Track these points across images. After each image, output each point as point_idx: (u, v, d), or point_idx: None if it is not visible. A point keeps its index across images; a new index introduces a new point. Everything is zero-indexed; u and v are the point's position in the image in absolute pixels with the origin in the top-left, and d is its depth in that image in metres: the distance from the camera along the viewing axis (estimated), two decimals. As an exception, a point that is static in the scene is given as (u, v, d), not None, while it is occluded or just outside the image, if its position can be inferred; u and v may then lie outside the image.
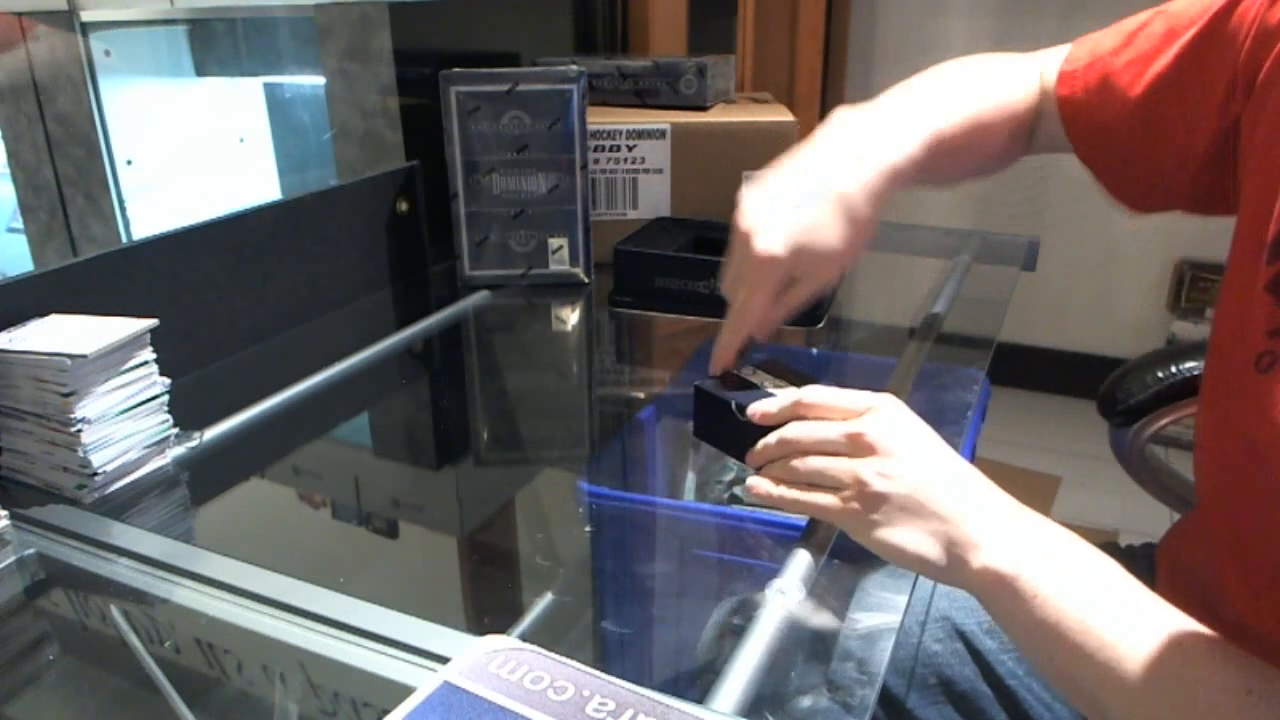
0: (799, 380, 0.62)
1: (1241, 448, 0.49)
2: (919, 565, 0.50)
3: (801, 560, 0.56)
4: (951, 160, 0.69)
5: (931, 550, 0.50)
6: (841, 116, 0.69)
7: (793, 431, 0.56)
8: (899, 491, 0.50)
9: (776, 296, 0.64)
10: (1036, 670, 0.68)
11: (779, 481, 0.56)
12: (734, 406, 0.60)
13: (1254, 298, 0.48)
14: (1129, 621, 0.45)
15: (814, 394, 0.57)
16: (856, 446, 0.52)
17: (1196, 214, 0.64)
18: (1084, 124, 0.68)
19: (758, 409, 0.59)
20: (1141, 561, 0.76)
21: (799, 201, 0.63)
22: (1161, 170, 0.63)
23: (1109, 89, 0.65)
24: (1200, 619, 0.45)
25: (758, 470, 0.58)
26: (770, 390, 0.62)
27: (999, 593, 0.48)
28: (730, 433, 0.61)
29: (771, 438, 0.57)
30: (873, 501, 0.51)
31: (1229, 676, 0.42)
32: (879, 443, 0.52)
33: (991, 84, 0.71)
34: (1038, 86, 0.71)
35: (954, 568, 0.49)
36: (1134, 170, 0.66)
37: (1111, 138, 0.66)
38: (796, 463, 0.55)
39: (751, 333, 0.66)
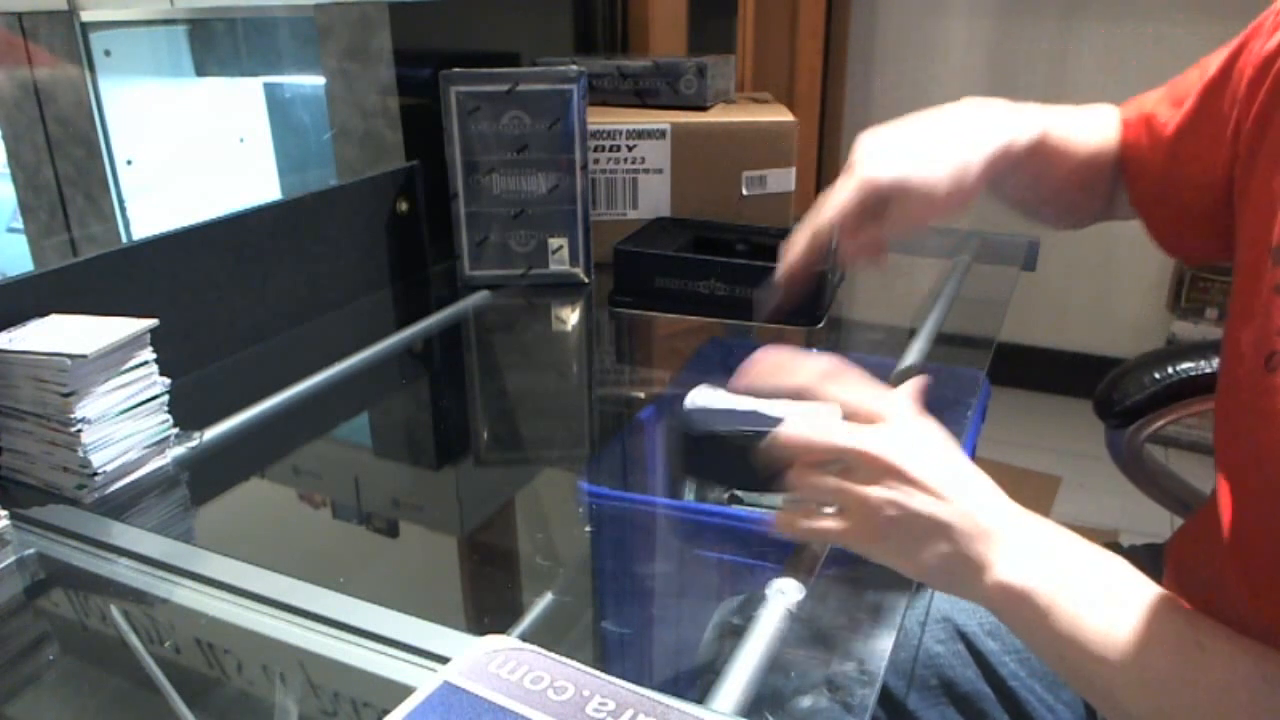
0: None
1: (1245, 446, 0.49)
2: (933, 583, 0.51)
3: (802, 560, 0.56)
4: (1049, 165, 0.72)
5: (943, 569, 0.50)
6: (969, 99, 0.72)
7: (793, 434, 0.54)
8: (908, 516, 0.50)
9: (862, 209, 0.65)
10: (1053, 672, 0.68)
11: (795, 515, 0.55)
12: (723, 434, 0.59)
13: (1262, 300, 0.48)
14: (1142, 622, 0.45)
15: (839, 372, 0.56)
16: (867, 468, 0.51)
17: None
18: (1134, 169, 0.71)
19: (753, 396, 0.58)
20: (1145, 563, 0.76)
21: (914, 143, 0.67)
22: (1192, 209, 0.66)
23: (1151, 133, 0.69)
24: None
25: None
26: (757, 410, 0.60)
27: (1013, 607, 0.48)
28: (728, 462, 0.58)
29: (775, 439, 0.55)
30: (886, 528, 0.51)
31: (1243, 666, 0.43)
32: (891, 464, 0.51)
33: (1089, 120, 0.75)
34: (1118, 136, 0.74)
35: (967, 585, 0.50)
36: (1174, 213, 0.69)
37: (1153, 180, 0.69)
38: (806, 481, 0.54)
39: (824, 221, 0.66)
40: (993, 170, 0.67)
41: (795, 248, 0.68)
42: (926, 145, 0.66)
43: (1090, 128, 0.74)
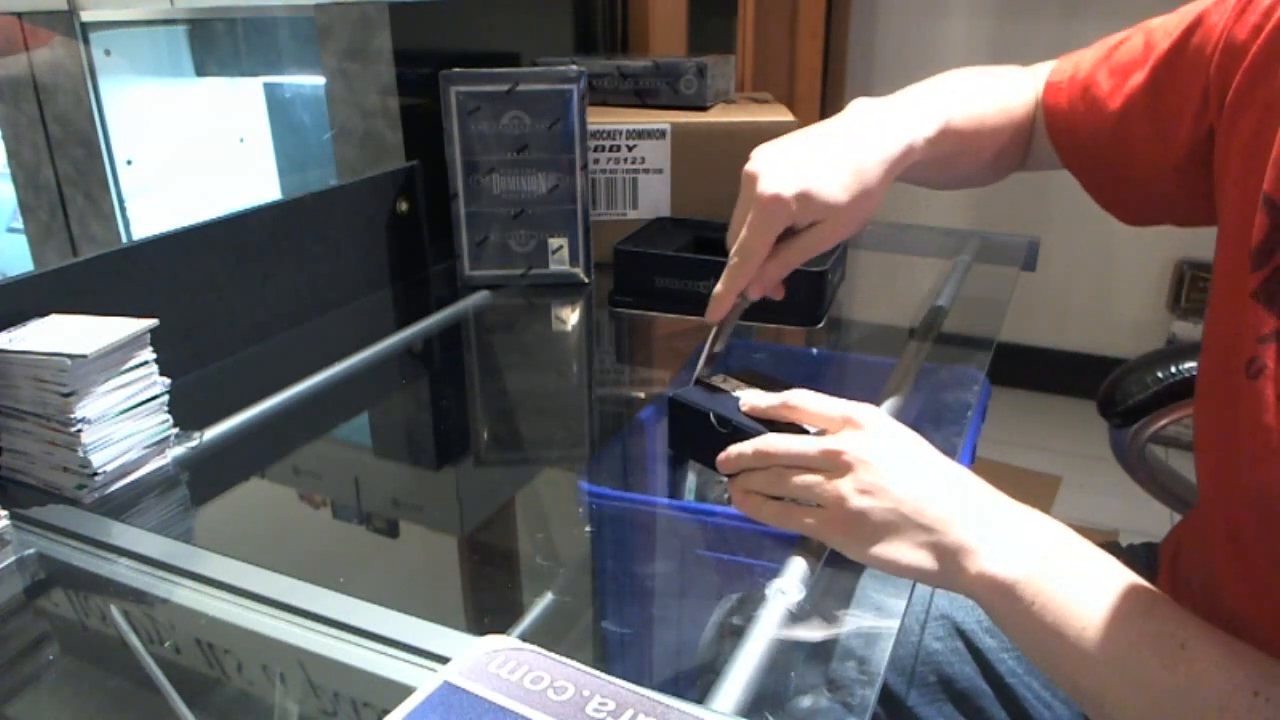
0: (775, 387, 0.62)
1: (1233, 450, 0.49)
2: (915, 575, 0.50)
3: (801, 560, 0.56)
4: (957, 154, 0.70)
5: (924, 560, 0.49)
6: (858, 102, 0.70)
7: (770, 444, 0.55)
8: (882, 506, 0.50)
9: (773, 240, 0.63)
10: (1039, 671, 0.68)
11: (754, 493, 0.56)
12: (713, 417, 0.60)
13: (1241, 304, 0.48)
14: (1131, 623, 0.44)
15: (800, 397, 0.57)
16: (835, 464, 0.52)
17: (1182, 225, 0.65)
18: (1067, 134, 0.69)
19: (747, 401, 0.59)
20: (1142, 561, 0.76)
21: (812, 155, 0.64)
22: (1140, 181, 0.65)
23: (1090, 100, 0.67)
24: (1200, 616, 0.45)
25: (729, 477, 0.58)
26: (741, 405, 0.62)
27: (998, 597, 0.48)
28: (708, 443, 0.60)
29: (746, 446, 0.56)
30: (856, 519, 0.51)
31: (1235, 677, 0.42)
32: (858, 459, 0.51)
33: (995, 90, 0.72)
34: (1034, 99, 0.72)
35: (950, 575, 0.49)
36: (1116, 181, 0.68)
37: (1093, 148, 0.68)
38: (776, 478, 0.55)
39: (748, 280, 0.65)
40: (893, 174, 0.65)
41: (722, 302, 0.65)
42: (822, 159, 0.63)
43: (1000, 97, 0.72)
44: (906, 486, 0.50)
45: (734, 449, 0.57)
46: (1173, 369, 0.91)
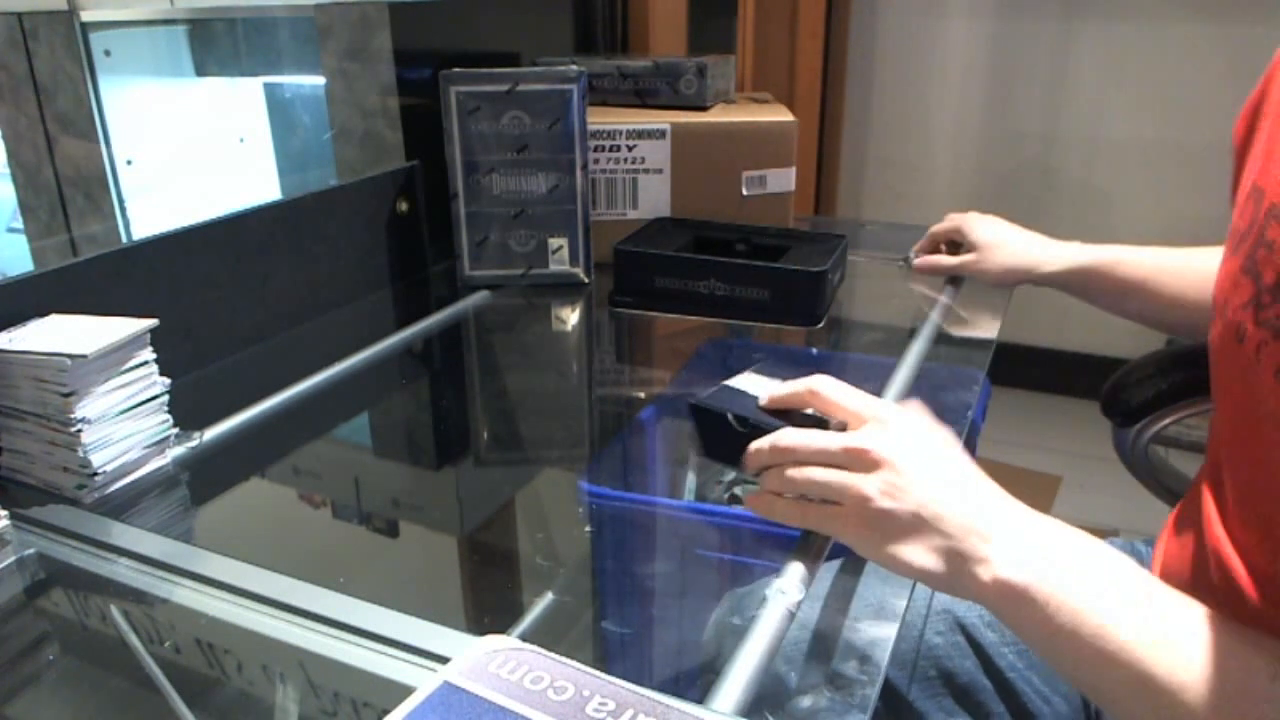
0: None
1: (1227, 418, 0.50)
2: (924, 578, 0.50)
3: (801, 559, 0.56)
4: None
5: (939, 566, 0.49)
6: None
7: (790, 439, 0.55)
8: (904, 508, 0.50)
9: None
10: (1053, 672, 0.68)
11: (777, 492, 0.55)
12: (731, 418, 0.60)
13: (1232, 280, 0.49)
14: (1144, 619, 0.45)
15: (823, 384, 0.56)
16: (859, 462, 0.52)
17: None
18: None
19: (769, 393, 0.59)
20: (1142, 561, 0.76)
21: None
22: None
23: None
24: (1198, 597, 0.45)
25: (755, 475, 0.57)
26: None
27: (1013, 604, 0.47)
28: (733, 445, 0.60)
29: (764, 442, 0.56)
30: (877, 518, 0.50)
31: (1253, 664, 0.42)
32: (884, 458, 0.51)
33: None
34: None
35: (964, 582, 0.49)
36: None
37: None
38: (797, 473, 0.54)
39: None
40: None
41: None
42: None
43: None
44: (929, 490, 0.50)
45: (753, 446, 0.56)
46: (1175, 368, 0.91)
